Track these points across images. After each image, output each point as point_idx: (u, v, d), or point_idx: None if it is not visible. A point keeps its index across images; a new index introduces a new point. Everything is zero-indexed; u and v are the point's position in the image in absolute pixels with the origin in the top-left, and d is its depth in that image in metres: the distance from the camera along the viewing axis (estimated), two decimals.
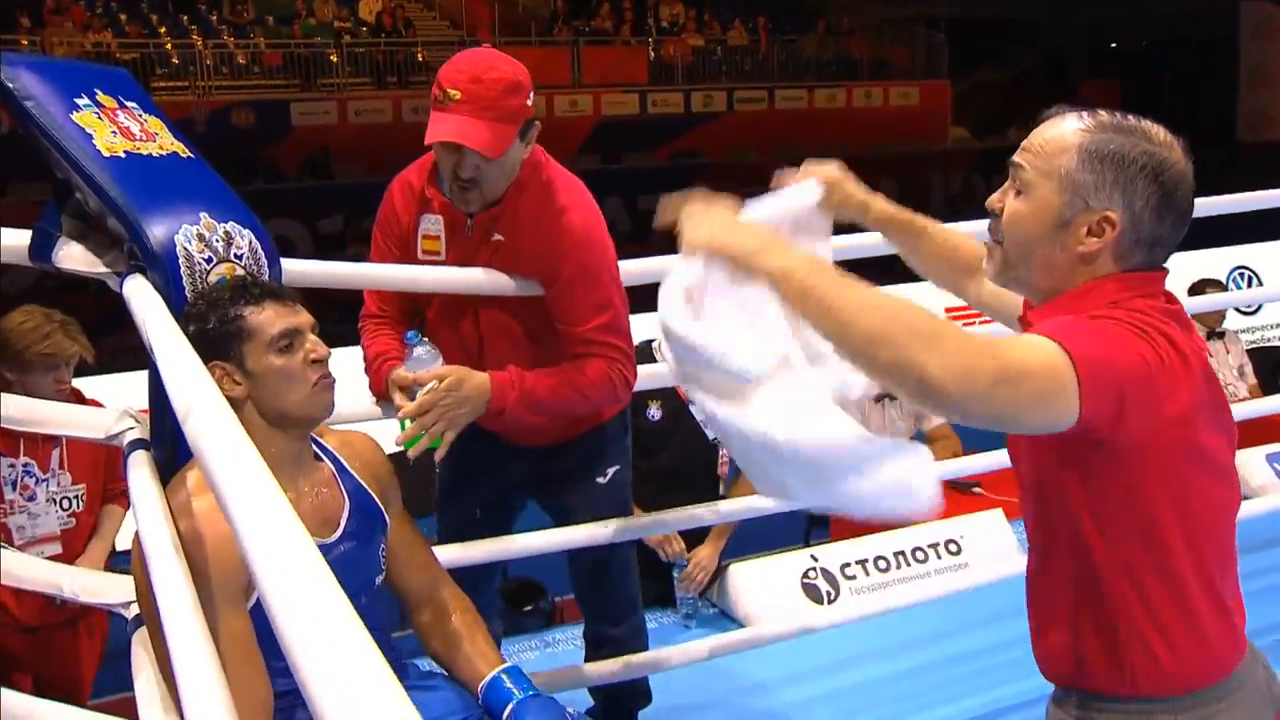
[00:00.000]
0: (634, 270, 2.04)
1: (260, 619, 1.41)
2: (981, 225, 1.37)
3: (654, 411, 2.97)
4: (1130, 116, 1.25)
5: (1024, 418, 1.15)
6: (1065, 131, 1.25)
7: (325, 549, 1.57)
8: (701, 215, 1.31)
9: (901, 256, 1.62)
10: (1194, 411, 1.19)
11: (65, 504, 2.62)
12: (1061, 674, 1.34)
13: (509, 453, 2.10)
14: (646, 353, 3.03)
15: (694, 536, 2.91)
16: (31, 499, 2.49)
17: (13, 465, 2.47)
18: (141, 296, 1.55)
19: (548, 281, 1.91)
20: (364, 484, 1.69)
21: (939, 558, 3.04)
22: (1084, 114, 1.26)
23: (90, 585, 1.80)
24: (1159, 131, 1.24)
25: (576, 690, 2.21)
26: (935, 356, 1.09)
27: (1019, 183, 1.27)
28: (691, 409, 2.82)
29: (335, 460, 1.69)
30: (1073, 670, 1.31)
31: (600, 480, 2.20)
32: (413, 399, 1.78)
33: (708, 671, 2.45)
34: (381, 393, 1.91)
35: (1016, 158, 1.28)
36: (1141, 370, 1.15)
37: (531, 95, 1.83)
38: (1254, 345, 6.21)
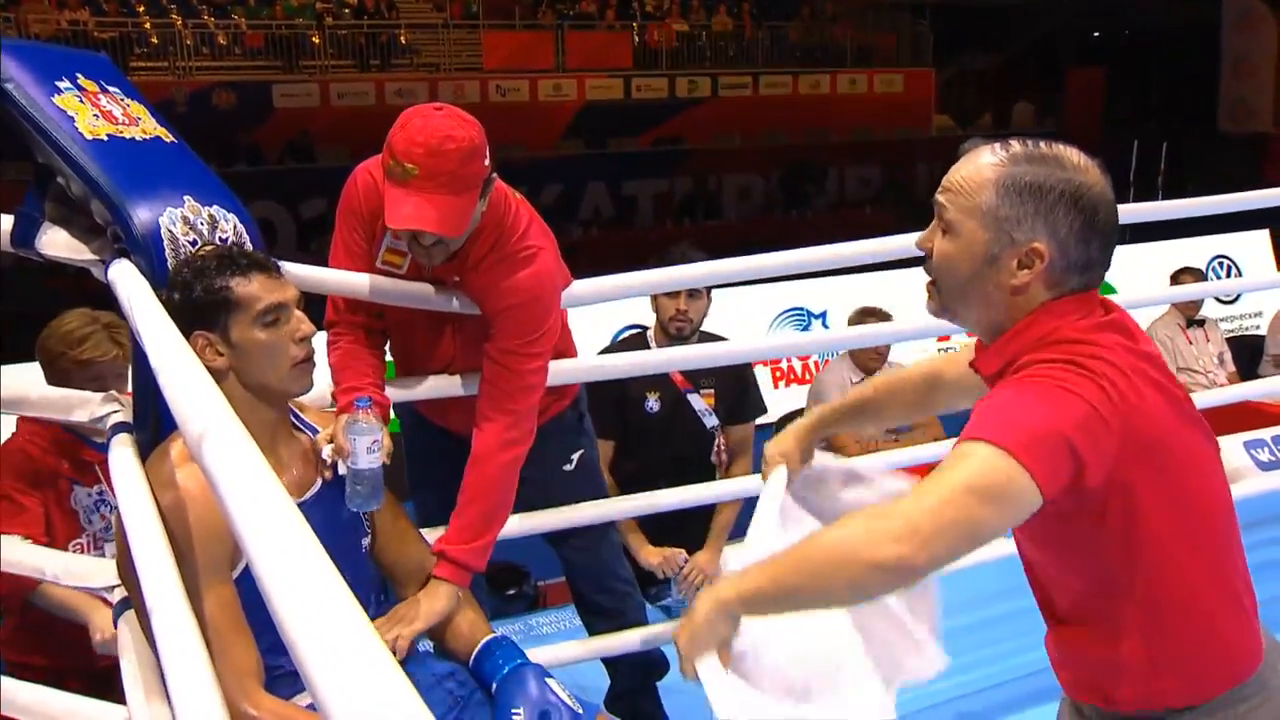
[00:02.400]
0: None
1: (247, 590, 1.42)
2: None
3: (652, 403, 2.92)
4: (1043, 144, 1.26)
5: (1000, 529, 1.17)
6: (981, 167, 1.25)
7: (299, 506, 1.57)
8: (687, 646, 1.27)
9: (877, 427, 1.69)
10: (1152, 421, 1.20)
11: None
12: (1091, 696, 1.36)
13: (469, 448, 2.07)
14: (639, 342, 3.01)
15: (693, 542, 2.87)
16: (107, 529, 2.23)
17: (89, 494, 2.22)
18: (126, 279, 1.54)
19: (489, 318, 1.88)
20: None
21: None
22: (998, 146, 1.26)
23: (74, 569, 1.80)
24: (1074, 155, 1.25)
25: (572, 669, 2.21)
26: (890, 559, 1.14)
27: (944, 222, 1.28)
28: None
29: (315, 432, 1.69)
30: (1105, 695, 1.32)
31: (567, 468, 2.21)
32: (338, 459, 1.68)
33: None
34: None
35: (939, 197, 1.29)
36: (1087, 415, 1.16)
37: (488, 152, 1.76)
38: (1233, 334, 6.27)
